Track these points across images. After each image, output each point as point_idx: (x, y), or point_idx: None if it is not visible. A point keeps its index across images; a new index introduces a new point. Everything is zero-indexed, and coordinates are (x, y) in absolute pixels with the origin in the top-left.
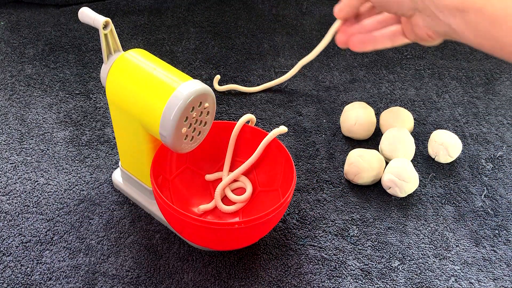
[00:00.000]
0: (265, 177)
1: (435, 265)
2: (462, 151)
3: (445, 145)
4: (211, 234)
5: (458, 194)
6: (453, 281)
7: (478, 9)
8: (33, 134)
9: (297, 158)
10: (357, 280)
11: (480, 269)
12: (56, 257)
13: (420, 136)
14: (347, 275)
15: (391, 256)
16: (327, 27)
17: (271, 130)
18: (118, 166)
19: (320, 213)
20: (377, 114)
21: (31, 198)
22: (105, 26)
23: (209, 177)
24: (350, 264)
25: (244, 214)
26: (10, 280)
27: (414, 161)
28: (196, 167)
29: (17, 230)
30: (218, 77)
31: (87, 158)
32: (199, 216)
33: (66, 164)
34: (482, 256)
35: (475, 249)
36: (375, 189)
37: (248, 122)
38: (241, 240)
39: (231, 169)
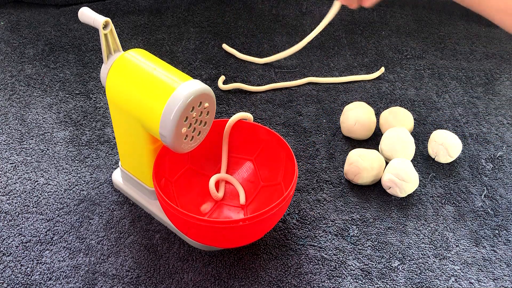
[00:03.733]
0: (267, 171)
1: (435, 265)
2: (462, 151)
3: (445, 145)
4: (217, 233)
5: (458, 194)
6: (453, 281)
7: None
8: (33, 134)
9: (297, 158)
10: (357, 280)
11: (480, 269)
12: (56, 257)
13: (420, 136)
14: (347, 275)
15: (391, 256)
16: (327, 27)
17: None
18: (118, 166)
19: (320, 213)
20: (377, 114)
21: (31, 198)
22: (105, 26)
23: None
24: (350, 264)
25: (249, 209)
26: (10, 280)
27: (414, 161)
28: (198, 167)
29: (17, 230)
30: (223, 77)
31: (87, 158)
32: (203, 216)
33: (66, 164)
34: (482, 256)
35: (475, 249)
36: (375, 189)
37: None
38: (247, 236)
39: (229, 165)
